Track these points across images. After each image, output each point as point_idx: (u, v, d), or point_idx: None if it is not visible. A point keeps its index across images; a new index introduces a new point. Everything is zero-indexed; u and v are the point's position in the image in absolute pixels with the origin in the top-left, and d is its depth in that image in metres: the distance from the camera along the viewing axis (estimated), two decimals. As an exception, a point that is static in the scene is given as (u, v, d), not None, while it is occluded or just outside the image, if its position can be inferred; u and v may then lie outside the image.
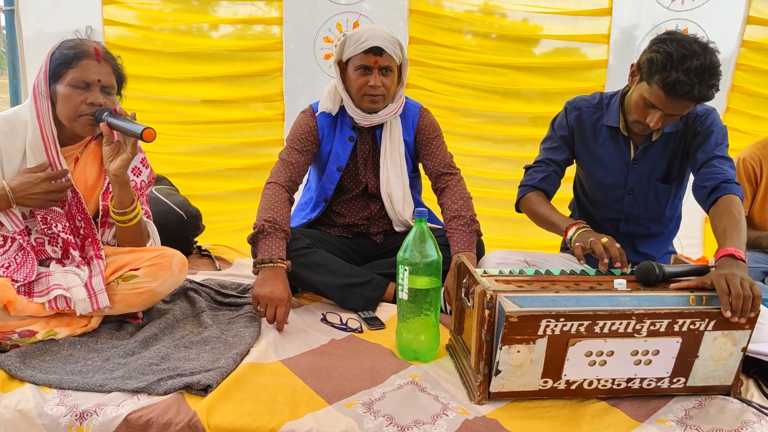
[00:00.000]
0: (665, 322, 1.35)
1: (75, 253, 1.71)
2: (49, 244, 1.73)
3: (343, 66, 2.05)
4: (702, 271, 1.54)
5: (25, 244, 1.68)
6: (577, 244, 1.69)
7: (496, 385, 1.39)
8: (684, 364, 1.41)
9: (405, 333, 1.62)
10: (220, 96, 3.02)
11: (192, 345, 1.64)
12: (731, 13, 2.81)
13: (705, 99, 1.67)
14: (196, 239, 2.69)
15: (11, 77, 2.91)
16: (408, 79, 2.15)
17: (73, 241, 1.71)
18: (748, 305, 1.36)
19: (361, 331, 1.82)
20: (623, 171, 1.95)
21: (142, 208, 1.83)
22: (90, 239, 1.75)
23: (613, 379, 1.41)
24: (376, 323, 1.86)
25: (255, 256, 1.92)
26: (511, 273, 1.59)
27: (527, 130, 3.07)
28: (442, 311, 1.87)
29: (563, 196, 2.06)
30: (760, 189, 2.40)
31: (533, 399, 1.42)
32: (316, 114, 2.11)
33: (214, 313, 1.90)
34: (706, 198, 1.76)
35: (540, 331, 1.33)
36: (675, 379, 1.43)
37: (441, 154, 2.15)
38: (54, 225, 1.70)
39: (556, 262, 2.04)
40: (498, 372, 1.37)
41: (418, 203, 2.26)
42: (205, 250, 2.66)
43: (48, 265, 1.72)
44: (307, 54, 2.92)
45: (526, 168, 2.06)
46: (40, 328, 1.63)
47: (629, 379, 1.42)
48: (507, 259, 1.99)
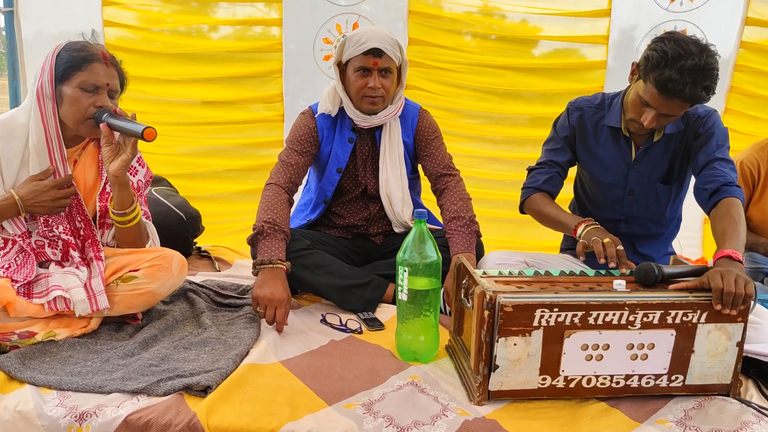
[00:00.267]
0: (658, 313, 1.39)
1: (75, 254, 1.72)
2: (48, 246, 1.73)
3: (342, 67, 2.05)
4: (701, 272, 1.54)
5: (26, 246, 1.68)
6: (581, 241, 1.70)
7: (495, 382, 1.39)
8: (680, 359, 1.43)
9: (404, 334, 1.62)
10: (219, 97, 3.02)
11: (191, 346, 1.64)
12: (730, 14, 2.81)
13: (698, 100, 1.66)
14: (195, 240, 2.69)
15: (11, 78, 2.91)
16: (407, 80, 2.15)
17: (73, 242, 1.71)
18: (739, 301, 1.38)
19: (360, 332, 1.82)
20: (624, 171, 1.95)
21: (141, 209, 1.83)
22: (90, 240, 1.75)
23: (612, 376, 1.42)
24: (375, 324, 1.86)
25: (254, 257, 1.92)
26: (510, 274, 1.59)
27: (527, 131, 3.07)
28: (441, 312, 1.87)
29: (563, 196, 2.06)
30: (757, 191, 2.41)
31: (533, 399, 1.43)
32: (316, 115, 2.11)
33: (213, 314, 1.90)
34: (707, 200, 1.76)
35: (535, 322, 1.36)
36: (673, 377, 1.44)
37: (440, 155, 2.15)
38: (55, 227, 1.70)
39: (556, 263, 2.04)
40: (496, 367, 1.37)
41: (417, 204, 2.26)
42: (205, 251, 2.66)
43: (47, 267, 1.72)
44: (307, 55, 2.92)
45: (529, 170, 2.07)
46: (39, 329, 1.63)
47: (628, 377, 1.43)
48: (506, 260, 2.00)
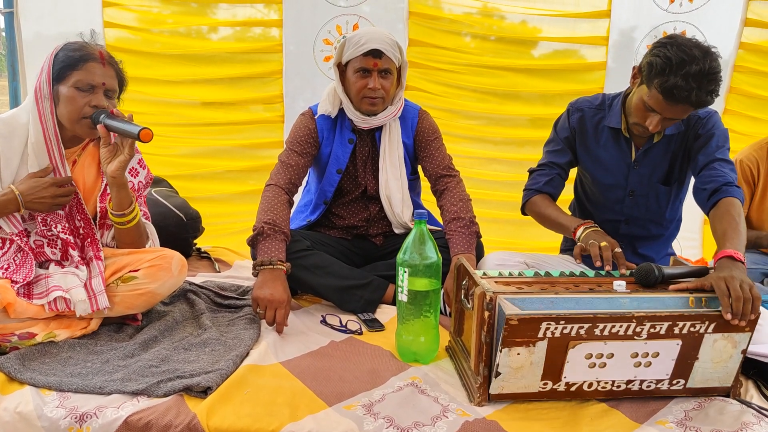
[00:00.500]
0: (665, 324, 1.35)
1: (74, 254, 1.71)
2: (48, 245, 1.73)
3: (342, 68, 2.05)
4: (701, 272, 1.54)
5: (24, 245, 1.68)
6: (578, 243, 1.70)
7: (495, 387, 1.39)
8: (684, 366, 1.41)
9: (405, 335, 1.62)
10: (219, 98, 3.02)
11: (191, 347, 1.64)
12: (729, 15, 2.82)
13: (704, 104, 1.67)
14: (195, 241, 2.69)
15: (10, 79, 2.91)
16: (407, 81, 2.15)
17: (72, 241, 1.71)
18: (749, 308, 1.36)
19: (360, 333, 1.82)
20: (624, 172, 1.95)
21: (141, 210, 1.83)
22: (89, 239, 1.74)
23: (613, 381, 1.41)
24: (375, 325, 1.86)
25: (254, 258, 1.91)
26: (510, 274, 1.58)
27: (526, 131, 3.08)
28: (441, 313, 1.87)
29: (564, 197, 2.07)
30: (757, 190, 2.41)
31: (533, 401, 1.42)
32: (316, 116, 2.11)
33: (213, 315, 1.90)
34: (707, 200, 1.76)
35: (540, 334, 1.33)
36: (675, 381, 1.43)
37: (440, 156, 2.15)
38: (54, 226, 1.70)
39: (556, 264, 2.04)
40: (498, 374, 1.37)
41: (417, 205, 2.25)
42: (205, 252, 2.66)
43: (47, 267, 1.72)
44: (307, 56, 2.93)
45: (530, 171, 2.07)
46: (39, 330, 1.62)
47: (629, 381, 1.42)
48: (506, 261, 2.00)
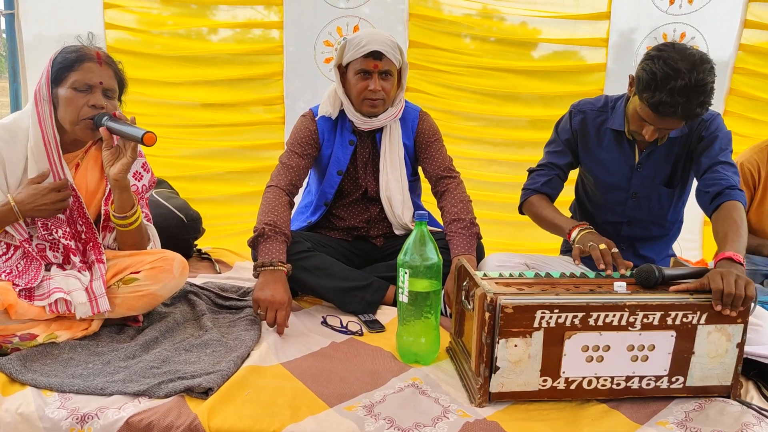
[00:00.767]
0: (658, 314, 1.39)
1: (76, 259, 1.71)
2: (50, 249, 1.73)
3: (343, 70, 2.05)
4: (701, 273, 1.54)
5: (31, 250, 1.68)
6: (576, 245, 1.70)
7: (495, 384, 1.40)
8: (681, 361, 1.43)
9: (405, 336, 1.62)
10: (220, 99, 3.03)
11: (192, 348, 1.64)
12: (729, 16, 2.82)
13: (694, 116, 1.66)
14: (196, 242, 2.69)
15: (11, 81, 2.91)
16: (407, 83, 2.15)
17: (73, 246, 1.71)
18: (739, 302, 1.38)
19: (361, 334, 1.82)
20: (627, 174, 1.95)
21: (143, 212, 1.83)
22: (91, 243, 1.75)
23: (612, 378, 1.42)
24: (376, 326, 1.86)
25: (255, 259, 1.92)
26: (511, 276, 1.59)
27: (526, 133, 3.08)
28: (442, 314, 1.87)
29: (564, 198, 2.07)
30: (757, 193, 2.41)
31: (533, 401, 1.43)
32: (316, 118, 2.12)
33: (214, 316, 1.90)
34: (709, 203, 1.76)
35: (536, 323, 1.36)
36: (674, 379, 1.44)
37: (441, 157, 2.15)
38: (54, 231, 1.70)
39: (556, 265, 2.04)
40: (497, 369, 1.38)
41: (417, 207, 2.26)
42: (206, 253, 2.66)
43: (49, 269, 1.72)
44: (308, 57, 2.93)
45: (529, 171, 2.07)
46: (40, 331, 1.63)
47: (628, 378, 1.43)
48: (507, 262, 2.00)
